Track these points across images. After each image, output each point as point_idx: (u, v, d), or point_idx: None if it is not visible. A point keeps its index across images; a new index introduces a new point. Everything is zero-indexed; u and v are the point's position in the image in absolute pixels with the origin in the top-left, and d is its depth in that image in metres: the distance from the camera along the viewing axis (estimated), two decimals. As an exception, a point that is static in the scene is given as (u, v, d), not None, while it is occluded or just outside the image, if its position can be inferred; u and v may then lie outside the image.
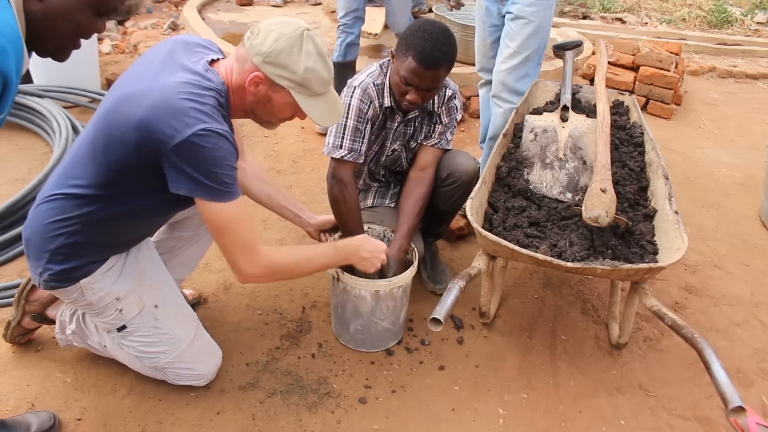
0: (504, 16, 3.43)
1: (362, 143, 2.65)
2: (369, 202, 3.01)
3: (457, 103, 2.82)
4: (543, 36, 3.38)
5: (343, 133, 2.62)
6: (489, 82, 3.78)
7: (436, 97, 2.75)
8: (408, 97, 2.52)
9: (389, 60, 2.70)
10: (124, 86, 1.89)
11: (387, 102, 2.67)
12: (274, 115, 2.02)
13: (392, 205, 3.01)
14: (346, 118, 2.61)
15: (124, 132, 1.79)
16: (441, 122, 2.80)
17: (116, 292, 2.13)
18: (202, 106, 1.78)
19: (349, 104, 2.61)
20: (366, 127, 2.65)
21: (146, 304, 2.19)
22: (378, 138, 2.81)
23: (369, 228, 2.79)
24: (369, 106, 2.63)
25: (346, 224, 2.66)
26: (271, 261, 2.07)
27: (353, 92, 2.62)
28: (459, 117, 2.85)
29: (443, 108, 2.79)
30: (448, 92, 2.78)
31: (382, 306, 2.57)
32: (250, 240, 1.99)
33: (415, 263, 2.60)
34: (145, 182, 1.88)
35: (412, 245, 2.71)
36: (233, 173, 1.87)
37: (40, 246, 2.02)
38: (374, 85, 2.65)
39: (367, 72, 2.68)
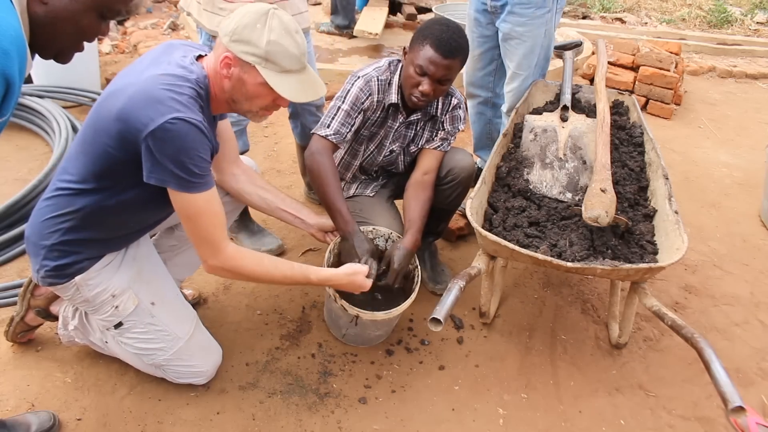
0: (496, 27, 3.41)
1: (349, 130, 2.65)
2: (351, 191, 2.99)
3: (461, 113, 2.83)
4: (540, 53, 3.37)
5: (335, 115, 2.63)
6: (474, 95, 3.77)
7: (440, 103, 2.76)
8: (421, 88, 2.52)
9: (398, 60, 2.71)
10: (115, 82, 1.93)
11: (393, 98, 2.67)
12: (253, 102, 2.01)
13: (372, 194, 2.98)
14: (342, 101, 2.63)
15: (107, 123, 1.84)
16: (444, 129, 2.81)
17: (112, 288, 2.15)
18: (178, 96, 1.81)
19: (348, 90, 2.63)
20: (357, 117, 2.65)
21: (142, 301, 2.21)
22: (375, 136, 2.81)
23: (374, 228, 2.77)
24: (367, 98, 2.64)
25: (325, 196, 2.57)
26: (232, 264, 2.08)
27: (355, 81, 2.64)
28: (461, 128, 2.85)
29: (447, 116, 2.79)
30: (454, 101, 2.79)
31: (377, 324, 2.59)
32: (214, 236, 2.02)
33: (415, 291, 2.55)
34: (131, 173, 1.90)
35: (417, 265, 2.68)
36: (204, 165, 1.89)
37: (38, 243, 2.07)
38: (378, 79, 2.66)
39: (374, 66, 2.70)
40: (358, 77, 2.65)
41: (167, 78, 1.84)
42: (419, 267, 2.68)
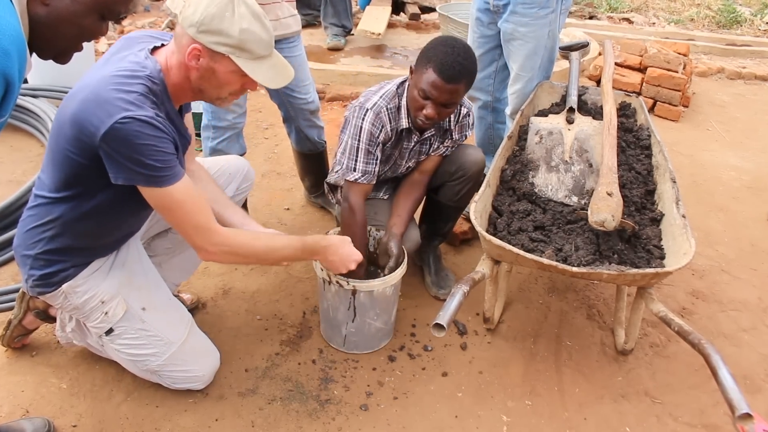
0: (498, 27, 3.37)
1: (375, 165, 2.65)
2: None
3: (470, 120, 2.82)
4: (543, 54, 3.32)
5: (357, 156, 2.62)
6: (473, 99, 3.73)
7: (452, 116, 2.74)
8: (424, 112, 2.49)
9: (404, 80, 2.69)
10: (76, 85, 1.93)
11: (404, 123, 2.65)
12: (222, 89, 1.97)
13: (386, 197, 3.00)
14: (358, 140, 2.60)
15: (65, 128, 1.84)
16: (452, 138, 2.80)
17: (101, 295, 2.15)
18: (126, 95, 1.79)
19: (361, 127, 2.59)
20: (377, 150, 2.64)
21: (132, 307, 2.19)
22: (390, 158, 2.80)
23: None
24: (381, 131, 2.62)
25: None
26: (228, 244, 2.08)
27: (365, 114, 2.59)
28: (469, 134, 2.86)
29: (456, 126, 2.78)
30: (463, 110, 2.78)
31: (375, 306, 2.56)
32: (201, 221, 2.00)
33: (405, 262, 2.60)
34: (98, 177, 1.89)
35: (403, 248, 2.70)
36: (166, 158, 1.85)
37: (23, 253, 2.10)
38: (387, 109, 2.62)
39: (381, 92, 2.65)
40: (367, 110, 2.59)
41: (116, 78, 1.82)
42: (423, 268, 2.77)
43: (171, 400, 2.36)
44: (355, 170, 2.63)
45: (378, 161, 2.66)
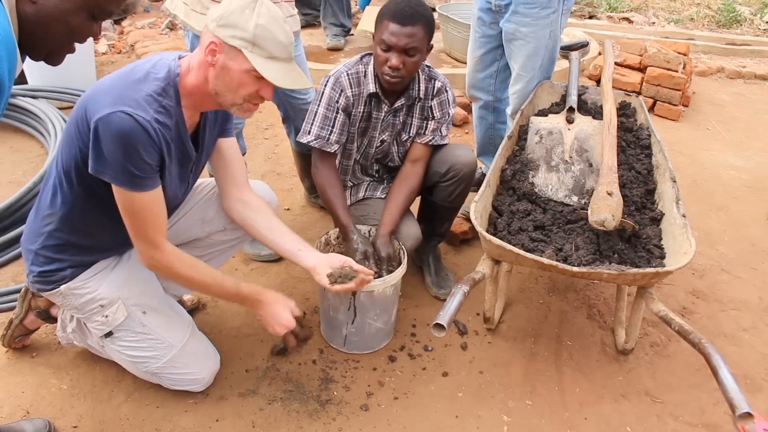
0: (500, 27, 3.36)
1: (331, 132, 2.69)
2: (361, 194, 3.01)
3: (449, 96, 2.81)
4: (545, 54, 3.32)
5: (312, 120, 2.69)
6: (475, 98, 3.73)
7: (422, 85, 2.75)
8: (389, 63, 2.52)
9: (370, 54, 2.72)
10: None
11: (371, 88, 2.68)
12: (237, 92, 1.94)
13: (383, 196, 2.99)
14: (318, 105, 2.67)
15: (77, 109, 1.88)
16: (433, 117, 2.79)
17: (100, 298, 2.15)
18: (135, 92, 1.82)
19: (322, 92, 2.67)
20: (337, 117, 2.68)
21: (133, 311, 2.19)
22: (366, 131, 2.82)
23: (355, 227, 2.76)
24: (340, 95, 2.66)
25: (326, 202, 2.73)
26: (167, 264, 2.08)
27: (327, 81, 2.68)
28: (453, 111, 2.84)
29: (434, 101, 2.78)
30: (437, 84, 2.78)
31: (375, 306, 2.56)
32: (151, 235, 2.01)
33: (405, 262, 2.60)
34: None
35: (401, 244, 2.71)
36: (144, 166, 1.86)
37: (27, 248, 2.12)
38: (347, 74, 2.67)
39: (345, 63, 2.73)
40: (329, 77, 2.68)
41: (133, 73, 1.87)
42: (423, 268, 2.78)
43: (171, 401, 2.36)
44: (309, 133, 2.69)
45: (335, 128, 2.69)
